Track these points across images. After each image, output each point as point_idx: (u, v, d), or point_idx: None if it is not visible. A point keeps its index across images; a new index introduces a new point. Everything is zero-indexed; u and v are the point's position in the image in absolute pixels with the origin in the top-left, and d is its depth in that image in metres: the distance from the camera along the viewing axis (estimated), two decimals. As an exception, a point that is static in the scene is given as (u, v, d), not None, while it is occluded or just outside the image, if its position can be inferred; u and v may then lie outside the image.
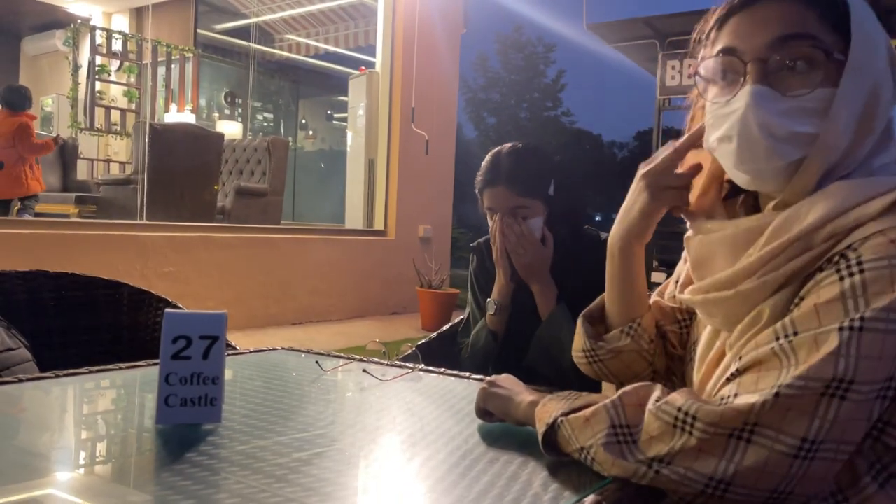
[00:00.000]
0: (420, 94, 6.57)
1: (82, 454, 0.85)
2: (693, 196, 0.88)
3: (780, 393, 0.65)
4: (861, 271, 0.65)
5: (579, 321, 0.99)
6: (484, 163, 1.57)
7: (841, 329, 0.65)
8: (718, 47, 0.79)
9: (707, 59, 0.80)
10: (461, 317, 1.79)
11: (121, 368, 1.22)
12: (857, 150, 0.74)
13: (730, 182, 0.86)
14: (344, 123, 7.10)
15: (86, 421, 1.01)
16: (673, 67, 9.96)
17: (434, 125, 6.74)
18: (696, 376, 0.86)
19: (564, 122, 31.58)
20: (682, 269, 0.93)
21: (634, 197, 0.87)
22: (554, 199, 1.52)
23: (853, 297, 0.65)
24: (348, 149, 6.83)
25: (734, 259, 0.77)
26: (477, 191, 1.58)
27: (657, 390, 0.74)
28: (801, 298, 0.70)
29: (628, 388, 0.76)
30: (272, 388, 1.16)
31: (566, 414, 0.78)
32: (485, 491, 0.71)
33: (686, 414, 0.68)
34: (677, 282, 0.96)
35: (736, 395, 0.68)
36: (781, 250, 0.72)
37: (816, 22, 0.74)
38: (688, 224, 0.87)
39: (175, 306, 1.66)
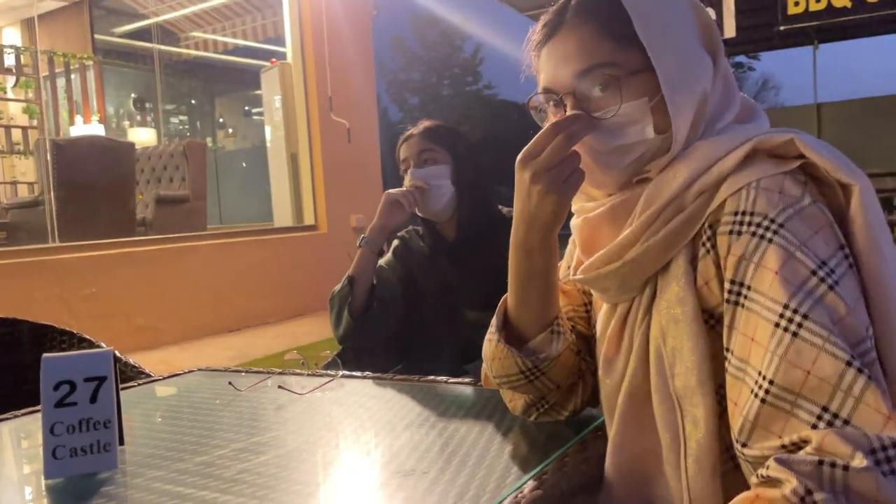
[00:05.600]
0: (336, 82, 6.42)
1: (-38, 525, 0.77)
2: None
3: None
4: (780, 225, 0.67)
5: (501, 346, 0.85)
6: None
7: (832, 287, 0.65)
8: (540, 82, 0.83)
9: (535, 95, 0.85)
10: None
11: (16, 416, 1.13)
12: (701, 118, 0.78)
13: None
14: (264, 118, 6.91)
15: (-27, 483, 0.92)
16: (586, 31, 10.05)
17: (354, 112, 6.61)
18: (599, 353, 0.85)
19: (487, 95, 31.64)
20: (574, 252, 0.91)
21: (538, 200, 0.79)
22: (462, 158, 1.64)
23: (800, 250, 0.66)
24: (268, 144, 6.65)
25: (616, 232, 0.79)
26: (397, 157, 1.70)
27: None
28: (740, 284, 0.69)
29: None
30: (182, 416, 1.09)
31: None
32: (398, 510, 0.67)
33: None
34: (570, 266, 0.94)
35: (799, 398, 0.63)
36: (657, 215, 0.75)
37: (610, 43, 0.77)
38: (572, 209, 0.86)
39: (81, 338, 1.56)
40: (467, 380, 1.14)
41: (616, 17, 0.77)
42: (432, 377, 1.17)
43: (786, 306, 0.65)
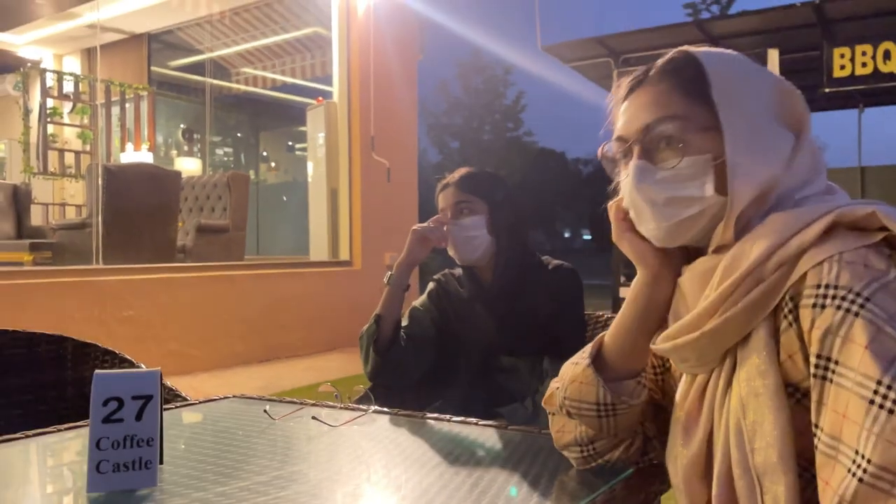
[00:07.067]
0: (379, 123, 6.56)
1: (7, 531, 0.80)
2: None
3: None
4: (867, 299, 0.67)
5: (590, 372, 0.89)
6: None
7: None
8: (615, 131, 0.88)
9: (608, 143, 0.89)
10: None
11: (59, 430, 1.17)
12: (773, 190, 0.79)
13: None
14: (306, 154, 7.07)
15: (12, 492, 0.96)
16: (628, 84, 10.12)
17: (395, 152, 6.74)
18: (677, 425, 0.84)
19: (527, 142, 31.91)
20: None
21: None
22: (499, 205, 1.65)
23: (889, 324, 0.65)
24: (309, 180, 6.79)
25: (695, 303, 0.79)
26: (436, 204, 1.72)
27: None
28: (827, 359, 0.68)
29: None
30: (218, 441, 1.12)
31: None
32: (427, 545, 0.69)
33: None
34: None
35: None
36: (736, 286, 0.74)
37: (682, 100, 0.82)
38: None
39: (123, 358, 1.60)
40: (498, 423, 1.15)
41: (694, 78, 0.82)
42: (463, 418, 1.19)
43: (879, 382, 0.63)
